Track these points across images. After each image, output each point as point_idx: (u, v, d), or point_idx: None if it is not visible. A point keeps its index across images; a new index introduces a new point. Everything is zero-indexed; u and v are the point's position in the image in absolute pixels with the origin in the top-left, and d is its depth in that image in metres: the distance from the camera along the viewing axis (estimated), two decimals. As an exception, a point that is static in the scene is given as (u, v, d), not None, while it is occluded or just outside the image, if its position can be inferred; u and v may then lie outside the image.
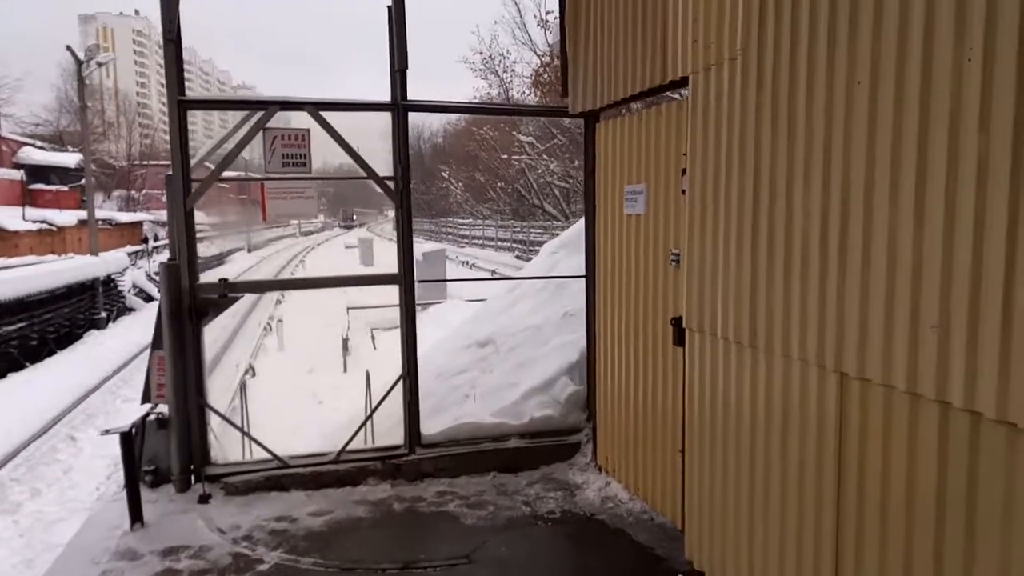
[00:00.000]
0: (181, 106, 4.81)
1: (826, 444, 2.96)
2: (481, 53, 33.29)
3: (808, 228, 2.99)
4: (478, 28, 50.04)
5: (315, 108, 5.03)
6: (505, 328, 6.77)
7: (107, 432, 4.52)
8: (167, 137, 5.06)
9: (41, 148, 43.97)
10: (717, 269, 3.62)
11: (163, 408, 4.98)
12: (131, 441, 4.47)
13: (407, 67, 5.17)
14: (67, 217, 36.99)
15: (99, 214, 39.01)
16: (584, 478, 5.30)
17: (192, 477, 5.01)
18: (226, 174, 5.10)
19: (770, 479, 3.31)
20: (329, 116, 5.09)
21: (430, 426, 5.67)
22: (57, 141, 48.02)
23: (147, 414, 4.92)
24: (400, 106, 5.19)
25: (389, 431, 6.03)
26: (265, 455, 5.22)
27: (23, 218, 35.09)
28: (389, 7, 5.10)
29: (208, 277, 5.09)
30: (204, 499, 4.85)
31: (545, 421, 5.63)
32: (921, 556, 2.52)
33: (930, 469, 2.48)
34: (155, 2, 4.76)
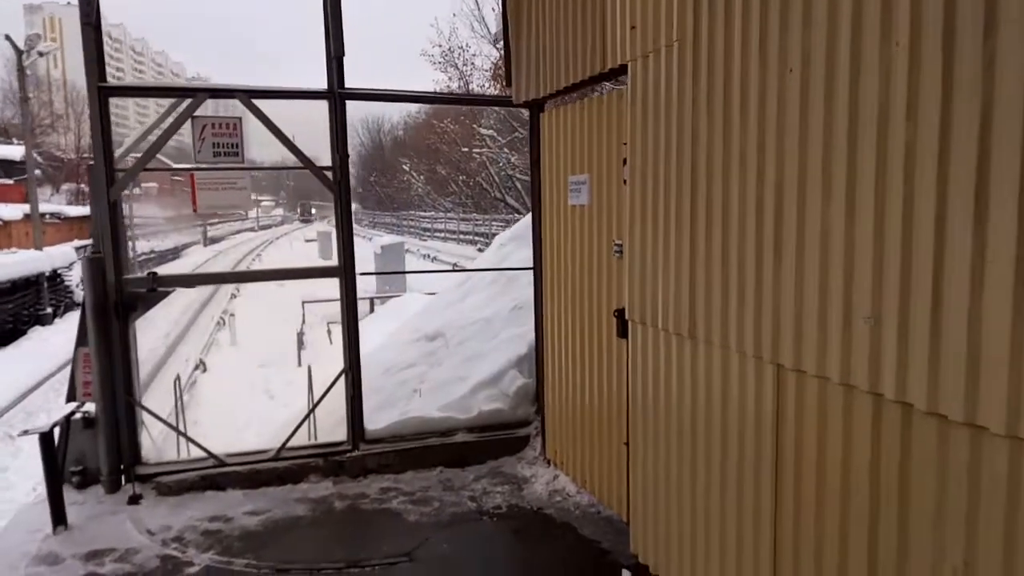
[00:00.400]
0: (102, 93, 4.58)
1: (764, 436, 2.92)
2: (440, 46, 33.06)
3: (744, 219, 2.94)
4: (436, 21, 49.66)
5: (247, 96, 4.84)
6: (455, 321, 6.66)
7: (25, 432, 4.30)
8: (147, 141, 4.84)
9: (-18, 139, 42.38)
10: (658, 260, 3.57)
11: (90, 406, 4.76)
12: (51, 442, 4.25)
13: (343, 54, 5.01)
14: (12, 211, 35.73)
15: (47, 208, 37.76)
16: (532, 471, 5.23)
17: (122, 477, 4.81)
18: (154, 165, 4.88)
19: (711, 471, 3.27)
20: (267, 106, 4.92)
21: (377, 421, 5.54)
22: (2, 134, 46.36)
23: (71, 413, 4.70)
24: (337, 94, 5.03)
25: (334, 428, 5.89)
26: (201, 454, 5.04)
27: (-36, 211, 33.80)
28: (324, -9, 4.93)
29: (164, 271, 4.88)
30: (134, 500, 4.66)
31: (494, 415, 5.54)
32: (856, 547, 2.49)
33: (864, 461, 2.45)
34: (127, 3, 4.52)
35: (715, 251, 3.13)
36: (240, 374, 13.36)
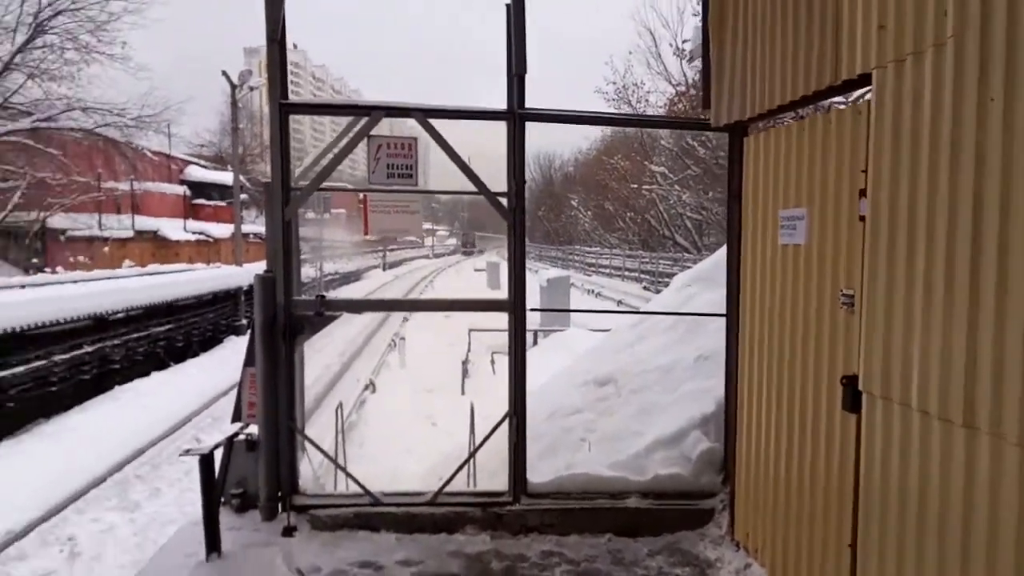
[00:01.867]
0: (283, 110, 4.51)
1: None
2: (614, 83, 32.84)
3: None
4: (611, 59, 49.66)
5: (423, 115, 4.60)
6: (628, 367, 6.04)
7: (187, 453, 4.23)
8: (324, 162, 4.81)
9: (203, 167, 47.86)
10: (913, 318, 2.78)
11: (253, 428, 4.66)
12: (211, 465, 4.15)
13: (525, 71, 4.64)
14: (223, 230, 39.87)
15: (250, 228, 41.73)
16: (718, 554, 4.47)
17: (279, 505, 4.64)
18: (330, 185, 4.76)
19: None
20: (444, 131, 4.66)
21: (539, 471, 5.04)
22: (218, 161, 52.06)
23: (235, 434, 4.62)
24: (516, 114, 4.67)
25: (494, 472, 5.46)
26: (357, 489, 4.78)
27: (184, 229, 38.13)
28: (508, 5, 4.61)
29: (343, 293, 4.75)
30: (288, 532, 4.47)
31: (672, 480, 4.84)
32: None
33: None
34: (310, 35, 4.52)
35: (1011, 312, 2.32)
36: (406, 397, 13.49)
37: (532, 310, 5.16)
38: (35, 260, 26.60)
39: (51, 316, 12.76)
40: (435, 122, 4.74)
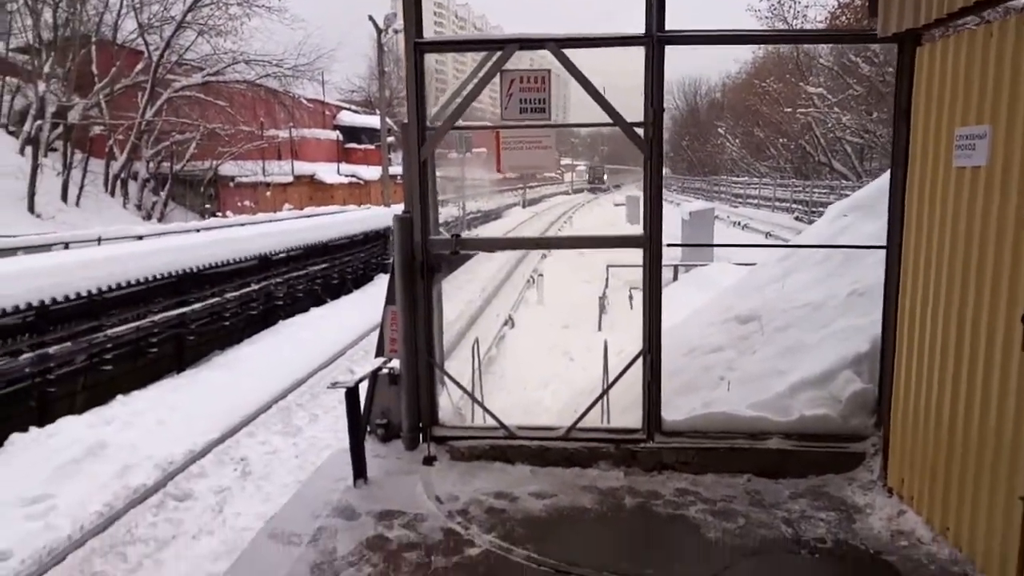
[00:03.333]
0: (418, 48, 4.51)
1: None
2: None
3: None
4: (766, -29, 45.89)
5: (557, 45, 4.42)
6: (773, 303, 5.71)
7: (335, 385, 4.49)
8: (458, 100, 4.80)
9: (354, 112, 49.93)
10: (1118, 246, 2.37)
11: (396, 363, 4.87)
12: (356, 397, 4.39)
13: (666, -13, 4.33)
14: (373, 172, 41.67)
15: (398, 170, 43.37)
16: (868, 500, 4.20)
17: (420, 436, 4.87)
18: (465, 123, 4.74)
19: None
20: (578, 60, 4.47)
21: (676, 408, 4.93)
22: (368, 105, 54.05)
23: (379, 368, 4.85)
24: (655, 37, 4.38)
25: (627, 408, 5.42)
26: (493, 422, 4.90)
27: (337, 173, 40.21)
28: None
29: (485, 231, 4.83)
30: (428, 461, 4.68)
31: (819, 421, 4.57)
32: None
33: None
34: None
35: None
36: (544, 333, 13.68)
37: (669, 245, 4.97)
38: (207, 205, 29.16)
39: (222, 257, 13.98)
40: (570, 53, 4.57)
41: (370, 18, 29.77)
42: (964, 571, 3.44)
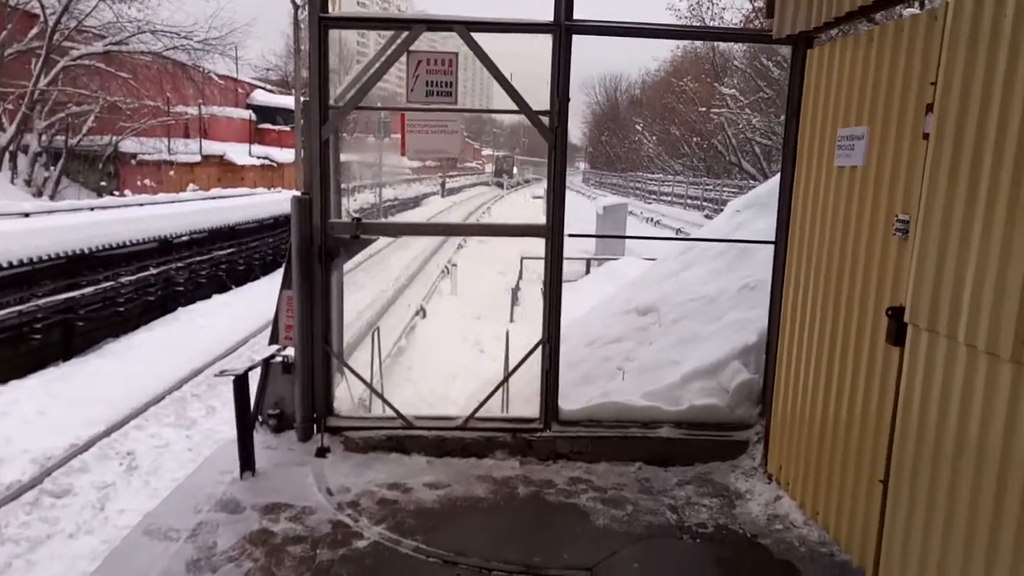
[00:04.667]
0: (322, 23, 4.35)
1: None
2: (687, -1, 31.19)
3: None
4: (687, -30, 46.93)
5: (465, 28, 4.36)
6: (671, 296, 5.85)
7: (223, 374, 4.31)
8: (380, 83, 4.60)
9: (269, 91, 48.17)
10: (970, 246, 2.52)
11: (291, 351, 4.71)
12: (245, 386, 4.22)
13: (573, -22, 4.34)
14: (286, 155, 40.35)
15: (312, 153, 42.12)
16: (748, 486, 4.36)
17: (314, 427, 4.73)
18: (369, 104, 4.62)
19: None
20: (490, 46, 4.42)
21: (574, 399, 4.99)
22: (284, 85, 52.24)
23: (272, 356, 4.68)
24: (563, 26, 4.39)
25: (529, 399, 5.44)
26: (391, 412, 4.82)
27: (249, 154, 38.75)
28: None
29: (401, 219, 4.68)
30: (322, 452, 4.56)
31: (707, 411, 4.71)
32: None
33: None
34: None
35: (1081, 240, 2.06)
36: (456, 324, 13.62)
37: (570, 235, 4.99)
38: (104, 183, 27.54)
39: (118, 238, 13.23)
40: (481, 38, 4.52)
41: (285, -7, 28.72)
42: (831, 552, 3.62)
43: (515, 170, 69.45)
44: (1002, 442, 2.34)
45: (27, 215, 14.80)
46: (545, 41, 4.55)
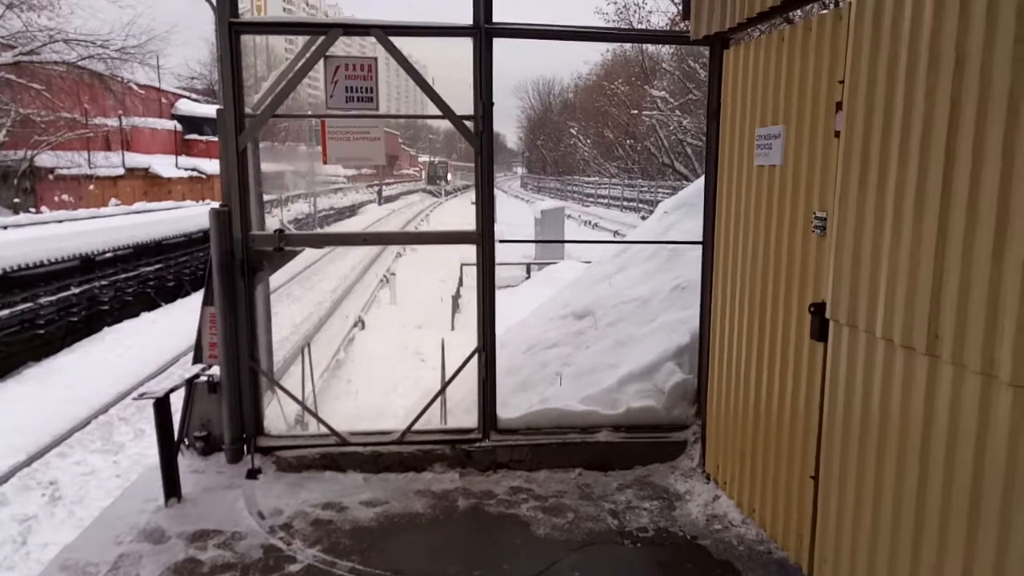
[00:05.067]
0: (232, 29, 4.20)
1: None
2: (615, 3, 31.69)
3: (1044, 183, 1.91)
4: (613, -26, 47.69)
5: (383, 32, 4.28)
6: (606, 298, 5.87)
7: (142, 396, 4.10)
8: (310, 90, 4.48)
9: (195, 100, 46.75)
10: (882, 242, 2.58)
11: (216, 370, 4.53)
12: (166, 408, 4.02)
13: (492, -18, 4.31)
14: (215, 166, 39.18)
15: (243, 164, 41.08)
16: (688, 487, 4.39)
17: (244, 448, 4.55)
18: (286, 112, 4.48)
19: (948, 532, 2.30)
20: (410, 49, 4.34)
21: (513, 406, 4.94)
22: (211, 94, 50.76)
23: (196, 376, 4.49)
24: (483, 30, 4.35)
25: (468, 409, 5.36)
26: (324, 429, 4.68)
27: (176, 166, 37.53)
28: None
29: (341, 228, 4.53)
30: (252, 474, 4.38)
31: (644, 413, 4.73)
32: None
33: None
34: None
35: (983, 237, 2.12)
36: (395, 334, 13.43)
37: (502, 241, 4.95)
38: (17, 200, 26.22)
39: (35, 257, 12.59)
40: (400, 41, 4.45)
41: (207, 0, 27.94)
42: (768, 549, 3.67)
43: (450, 176, 66.84)
44: (921, 434, 2.39)
45: (-67, 236, 13.94)
46: (468, 45, 4.51)
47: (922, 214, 2.38)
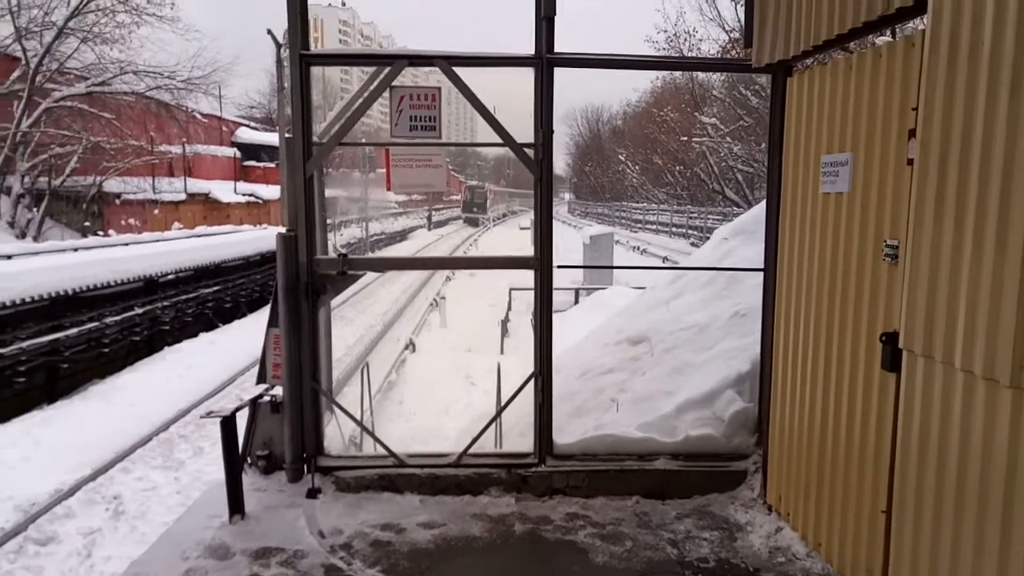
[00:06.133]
0: (303, 61, 4.36)
1: None
2: (665, 31, 31.79)
3: None
4: (663, 5, 47.93)
5: (447, 63, 4.39)
6: (663, 325, 5.83)
7: (209, 415, 4.22)
8: (364, 118, 4.64)
9: (254, 128, 48.35)
10: (961, 270, 2.52)
11: (279, 390, 4.63)
12: (232, 427, 4.13)
13: (554, 14, 4.39)
14: (272, 191, 40.36)
15: (297, 189, 42.12)
16: (748, 517, 4.30)
17: (304, 467, 4.63)
18: (352, 140, 4.61)
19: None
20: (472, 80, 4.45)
21: (569, 432, 4.93)
22: (268, 122, 52.41)
23: (259, 396, 4.60)
24: (545, 59, 4.42)
25: (523, 433, 5.37)
26: (382, 450, 4.73)
27: (234, 191, 38.76)
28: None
29: (387, 253, 4.65)
30: (312, 493, 4.46)
31: (703, 442, 4.66)
32: None
33: None
34: None
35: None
36: (445, 357, 13.54)
37: (559, 267, 4.98)
38: (87, 223, 27.38)
39: (102, 278, 13.11)
40: (462, 71, 4.55)
41: (269, 32, 28.97)
42: (836, 584, 3.56)
43: (489, 202, 57.15)
44: (1006, 469, 2.31)
45: (10, 257, 14.65)
46: (527, 74, 4.59)
47: (1005, 242, 2.32)
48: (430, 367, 12.70)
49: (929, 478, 2.71)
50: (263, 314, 19.19)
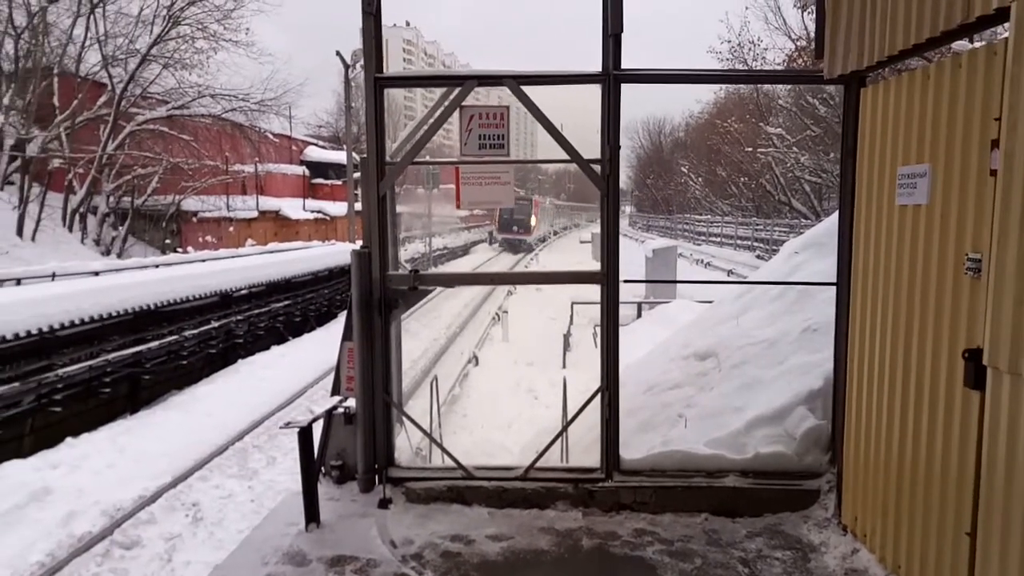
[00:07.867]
0: (378, 84, 4.52)
1: None
2: (729, 41, 31.40)
3: None
4: (727, 16, 47.35)
5: (515, 82, 4.48)
6: (730, 340, 5.75)
7: (288, 426, 4.38)
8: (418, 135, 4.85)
9: (322, 147, 49.86)
10: (1050, 284, 2.43)
11: (352, 402, 4.78)
12: (309, 438, 4.28)
13: (621, 30, 4.43)
14: (339, 208, 41.49)
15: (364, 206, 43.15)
16: (823, 538, 4.19)
17: (376, 478, 4.75)
18: (422, 159, 4.75)
19: None
20: (538, 98, 4.53)
21: (635, 446, 4.92)
22: (336, 141, 53.98)
23: (334, 407, 4.75)
24: (612, 76, 4.46)
25: (588, 448, 5.38)
26: (451, 462, 4.82)
27: (303, 209, 39.98)
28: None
29: (450, 268, 4.79)
30: (384, 504, 4.57)
31: (774, 459, 4.58)
32: None
33: None
34: (425, 14, 4.49)
35: None
36: (508, 371, 13.62)
37: (625, 282, 4.99)
38: (168, 240, 28.67)
39: (181, 294, 13.72)
40: (530, 90, 4.63)
41: (337, 54, 29.94)
42: (918, 609, 3.44)
43: (534, 220, 46.07)
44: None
45: (97, 274, 15.51)
46: (592, 91, 4.64)
47: (1097, 256, 2.24)
48: (493, 381, 12.80)
49: (1017, 499, 2.61)
50: (331, 328, 19.76)
